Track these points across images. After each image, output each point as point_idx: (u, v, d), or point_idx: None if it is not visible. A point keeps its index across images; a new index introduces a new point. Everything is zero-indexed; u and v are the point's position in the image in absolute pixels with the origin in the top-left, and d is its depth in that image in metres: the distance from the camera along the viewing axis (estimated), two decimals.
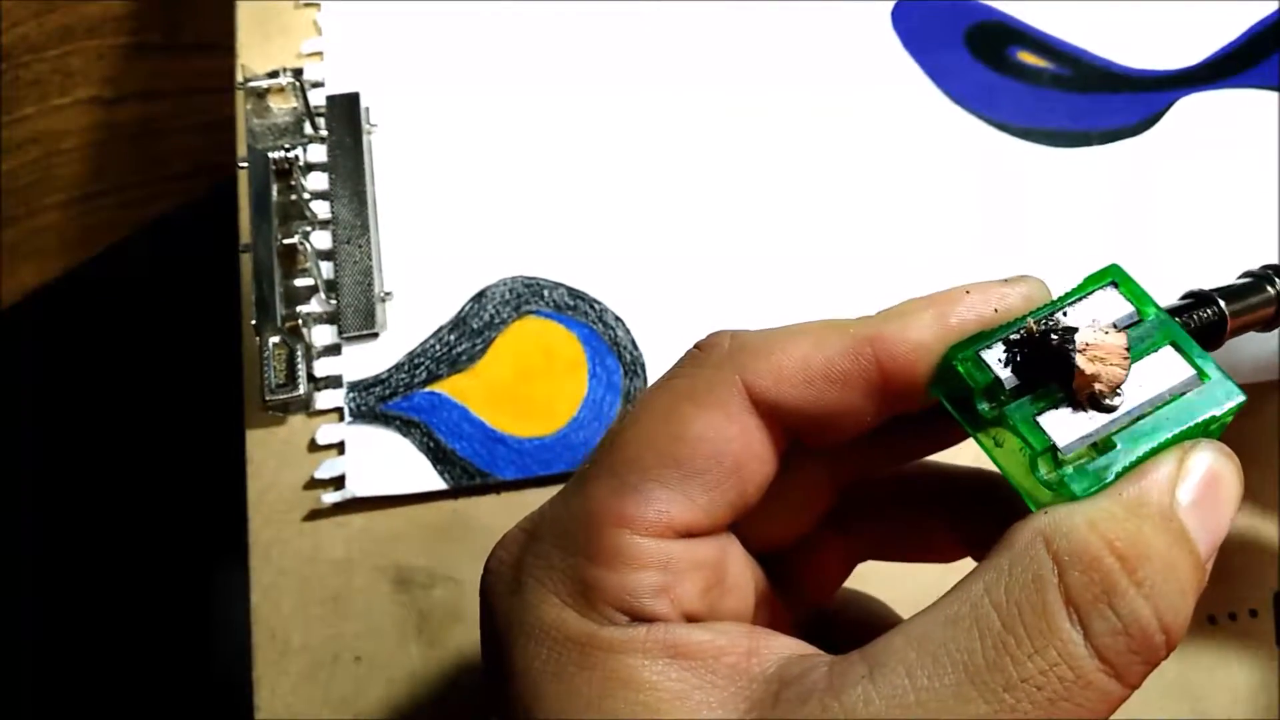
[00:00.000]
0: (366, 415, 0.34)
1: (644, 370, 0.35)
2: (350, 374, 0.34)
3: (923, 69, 0.40)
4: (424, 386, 0.34)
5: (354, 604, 0.32)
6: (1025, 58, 0.40)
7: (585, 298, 0.36)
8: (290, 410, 0.34)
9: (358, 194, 0.36)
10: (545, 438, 0.34)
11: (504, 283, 0.36)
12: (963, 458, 0.24)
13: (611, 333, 0.35)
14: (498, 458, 0.33)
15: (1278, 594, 0.32)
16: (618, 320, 0.35)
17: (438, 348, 0.35)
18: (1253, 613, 0.32)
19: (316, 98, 0.38)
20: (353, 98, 0.37)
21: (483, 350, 0.35)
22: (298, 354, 0.34)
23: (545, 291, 0.36)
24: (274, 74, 0.37)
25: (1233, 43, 0.40)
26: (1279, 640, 0.31)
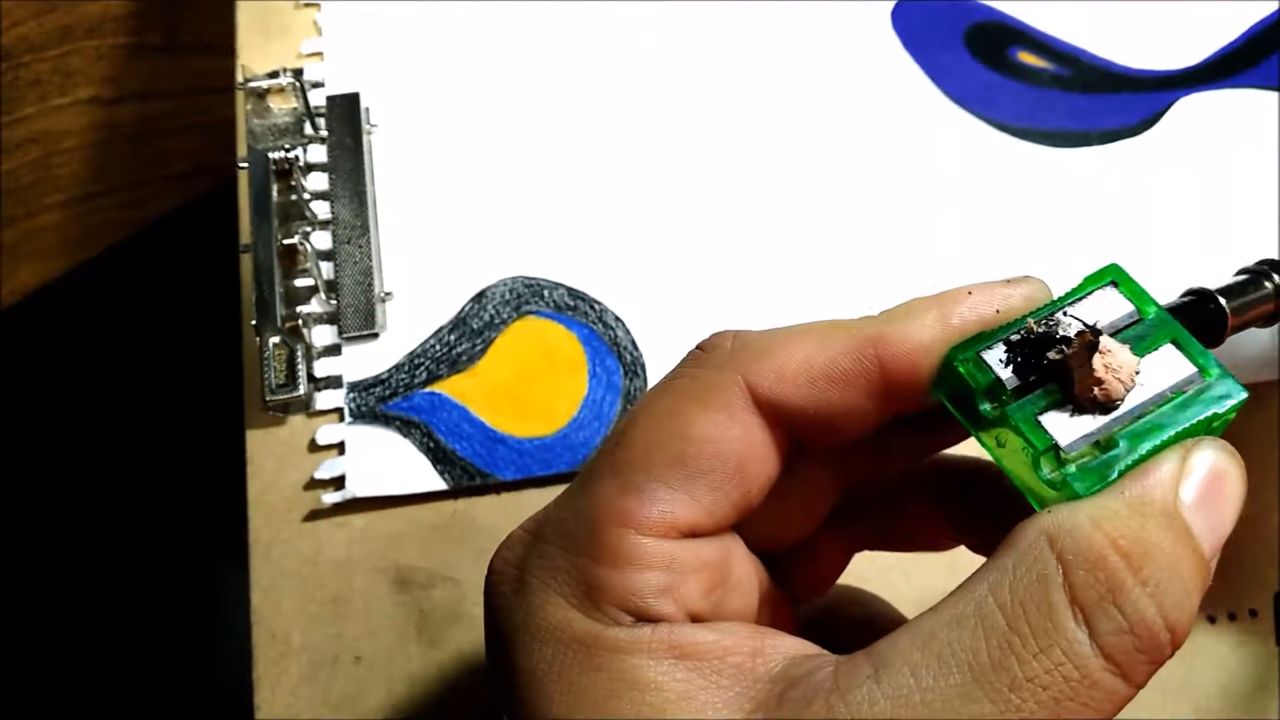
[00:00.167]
0: (367, 415, 0.34)
1: (644, 370, 0.35)
2: (350, 374, 0.34)
3: (923, 69, 0.40)
4: (424, 387, 0.34)
5: (354, 604, 0.32)
6: (1025, 58, 0.40)
7: (585, 298, 0.36)
8: (290, 410, 0.34)
9: (358, 194, 0.36)
10: (545, 438, 0.34)
11: (504, 283, 0.36)
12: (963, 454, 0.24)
13: (611, 333, 0.35)
14: (498, 458, 0.33)
15: (1278, 594, 0.32)
16: (618, 320, 0.35)
17: (438, 348, 0.35)
18: (1253, 612, 0.32)
19: (316, 98, 0.38)
20: (353, 98, 0.37)
21: (483, 350, 0.35)
22: (298, 354, 0.34)
23: (545, 292, 0.36)
24: (274, 74, 0.37)
25: (1233, 43, 0.40)
26: (1279, 640, 0.31)
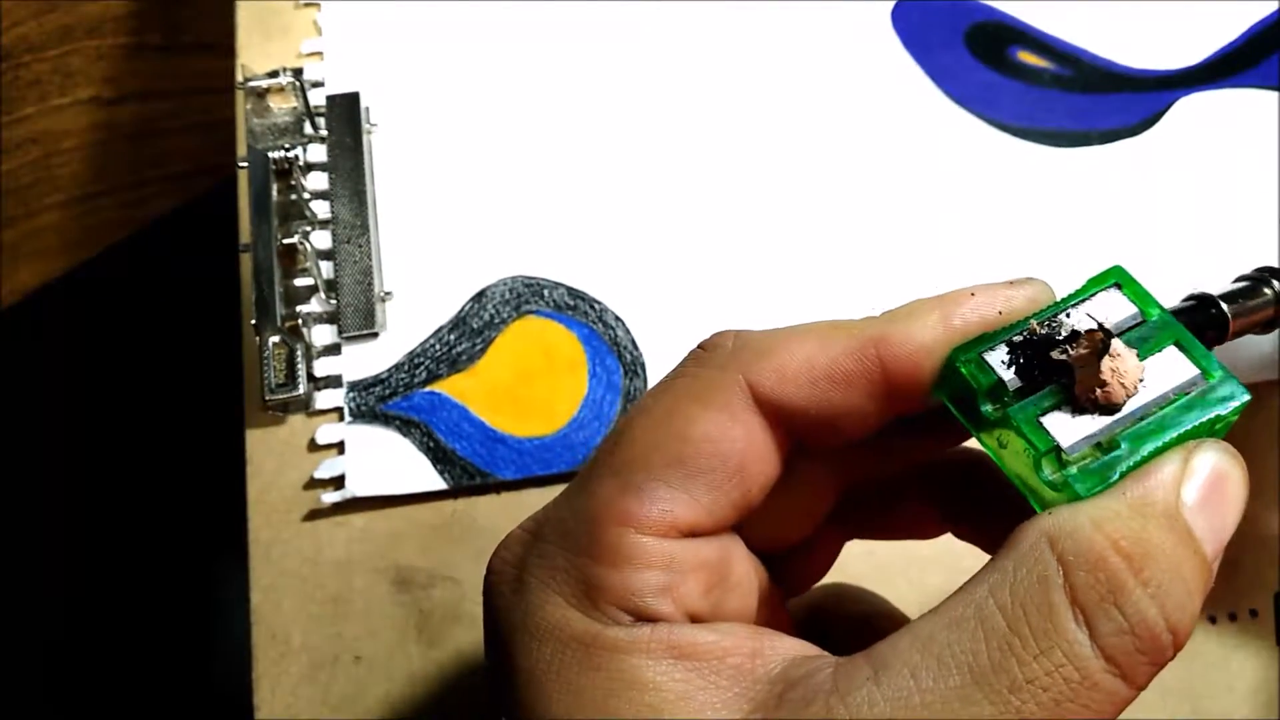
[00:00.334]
0: (366, 415, 0.34)
1: (644, 370, 0.35)
2: (350, 374, 0.34)
3: (923, 69, 0.40)
4: (424, 386, 0.34)
5: (354, 604, 0.32)
6: (1025, 58, 0.40)
7: (585, 297, 0.36)
8: (290, 410, 0.34)
9: (357, 194, 0.36)
10: (545, 437, 0.34)
11: (504, 282, 0.36)
12: None
13: (611, 332, 0.35)
14: (498, 457, 0.33)
15: (1278, 594, 0.32)
16: (618, 320, 0.35)
17: (438, 347, 0.35)
18: (1253, 612, 0.32)
19: (316, 97, 0.38)
20: (353, 97, 0.37)
21: (483, 350, 0.35)
22: (297, 354, 0.34)
23: (545, 291, 0.36)
24: (274, 74, 0.37)
25: (1233, 43, 0.40)
26: (1279, 640, 0.31)
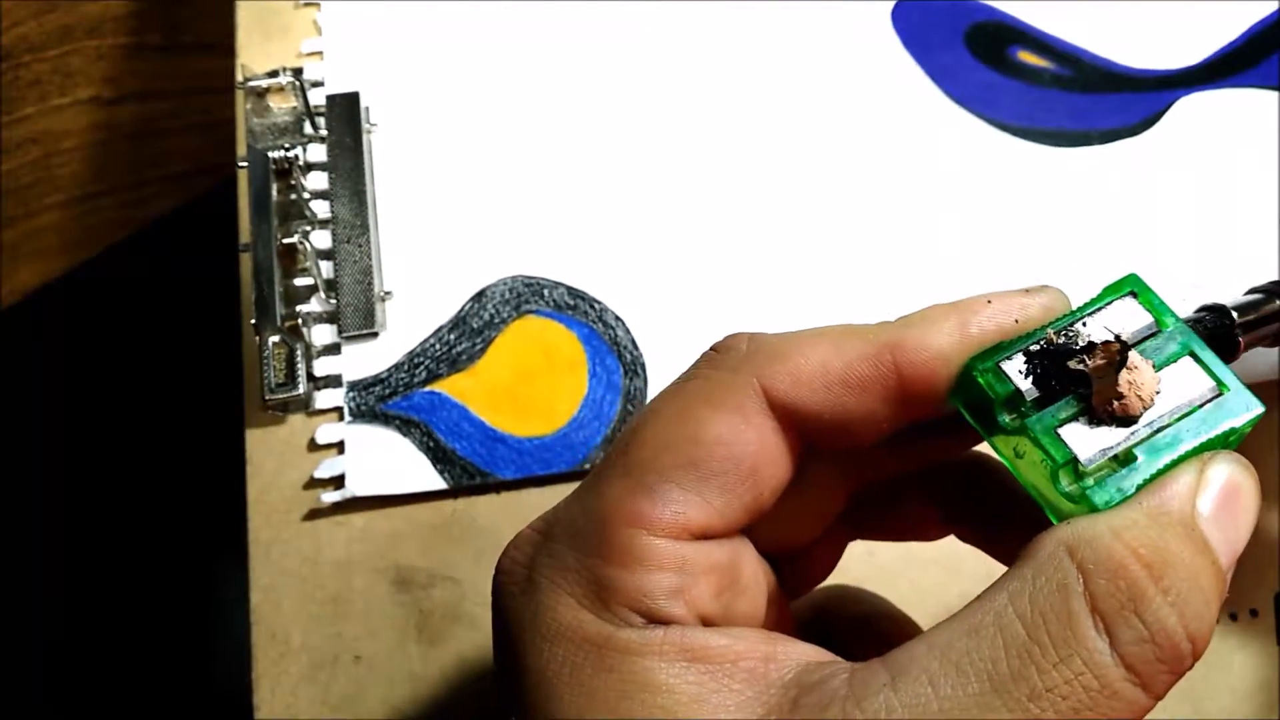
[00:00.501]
0: (366, 415, 0.34)
1: (644, 370, 0.35)
2: (350, 373, 0.34)
3: (923, 69, 0.40)
4: (424, 386, 0.34)
5: (354, 604, 0.32)
6: (1025, 58, 0.40)
7: (585, 297, 0.36)
8: (290, 410, 0.34)
9: (357, 193, 0.36)
10: (545, 437, 0.34)
11: (504, 282, 0.36)
12: None
13: (611, 332, 0.35)
14: (498, 457, 0.33)
15: (1278, 594, 0.32)
16: (618, 320, 0.35)
17: (438, 347, 0.35)
18: (1253, 613, 0.32)
19: (316, 97, 0.38)
20: (352, 97, 0.37)
21: (483, 350, 0.35)
22: (297, 353, 0.34)
23: (545, 291, 0.36)
24: (274, 73, 0.37)
25: (1233, 42, 0.40)
26: None
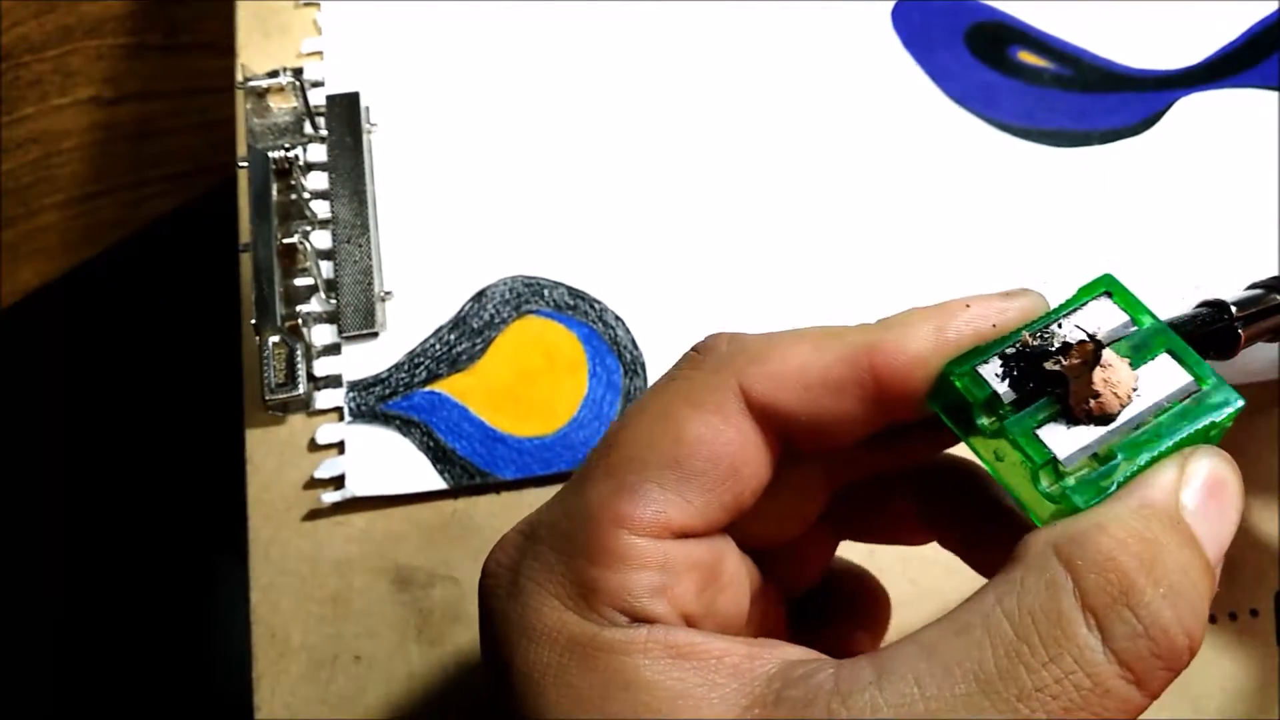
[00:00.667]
0: (366, 415, 0.34)
1: (644, 370, 0.35)
2: (350, 373, 0.34)
3: (923, 69, 0.40)
4: (424, 386, 0.34)
5: (354, 604, 0.32)
6: (1026, 58, 0.40)
7: (585, 297, 0.36)
8: (290, 410, 0.34)
9: (357, 193, 0.36)
10: (545, 437, 0.34)
11: (504, 282, 0.36)
12: None
13: (611, 332, 0.35)
14: (498, 457, 0.33)
15: (1278, 593, 0.32)
16: (618, 320, 0.35)
17: (438, 347, 0.35)
18: (1253, 612, 0.32)
19: (316, 97, 0.38)
20: (353, 97, 0.37)
21: (483, 350, 0.35)
22: (297, 353, 0.33)
23: (545, 291, 0.36)
24: (274, 73, 0.37)
25: (1233, 43, 0.40)
26: (1279, 640, 0.31)
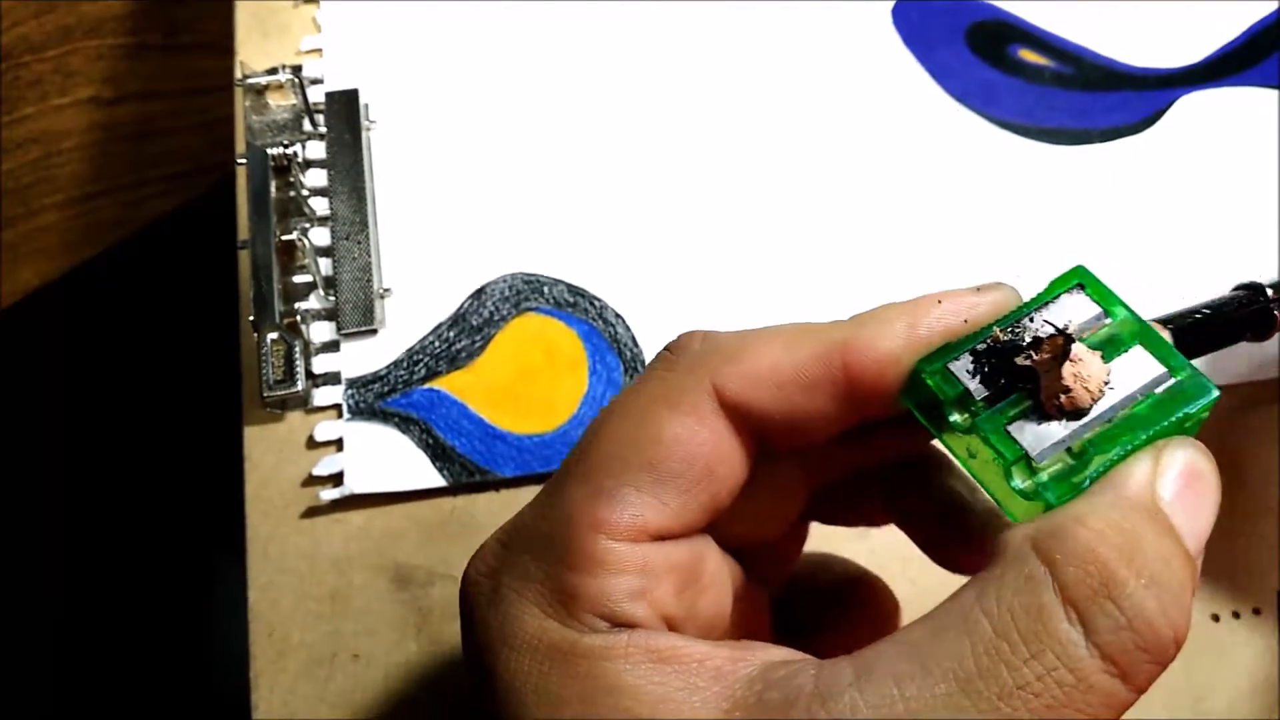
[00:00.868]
0: (365, 412, 0.33)
1: (644, 367, 0.34)
2: (349, 370, 0.34)
3: (924, 67, 0.40)
4: (423, 383, 0.34)
5: (353, 601, 0.32)
6: (1026, 56, 0.40)
7: (585, 294, 0.35)
8: (288, 407, 0.34)
9: (356, 190, 0.36)
10: (545, 435, 0.33)
11: (504, 279, 0.36)
12: None
13: (612, 329, 0.35)
14: (497, 455, 0.33)
15: None
16: (618, 317, 0.35)
17: (437, 344, 0.35)
18: (1256, 611, 0.32)
19: (315, 94, 0.38)
20: (352, 94, 0.37)
21: (482, 347, 0.35)
22: (296, 350, 0.33)
23: (545, 288, 0.36)
24: (273, 70, 0.37)
25: (1233, 41, 0.40)
26: None
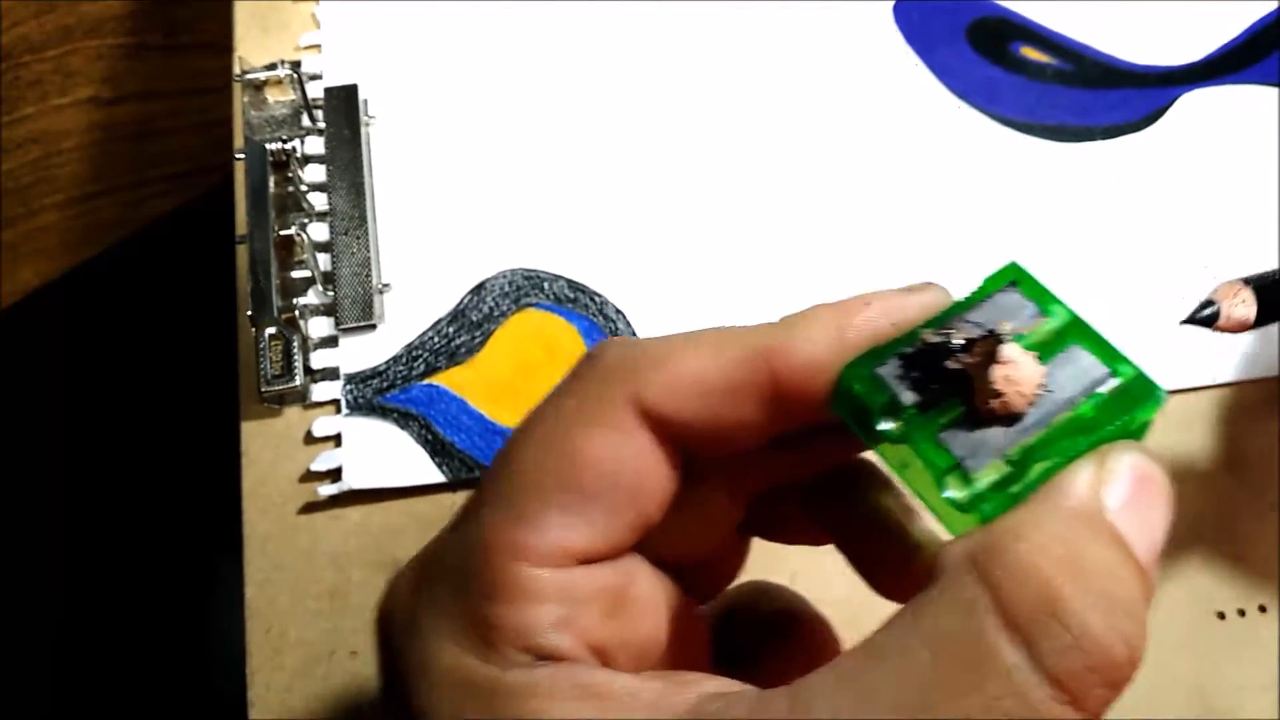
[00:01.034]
0: (364, 407, 0.33)
1: None
2: (347, 366, 0.34)
3: (925, 65, 0.40)
4: (422, 379, 0.34)
5: (351, 598, 0.32)
6: (1028, 53, 0.40)
7: (585, 290, 0.35)
8: (286, 402, 0.34)
9: (355, 186, 0.36)
10: None
11: (503, 275, 0.36)
12: None
13: (612, 326, 0.35)
14: (496, 451, 0.33)
15: None
16: (618, 313, 0.35)
17: (436, 340, 0.34)
18: (1262, 609, 0.31)
19: (314, 90, 0.38)
20: (351, 90, 0.37)
21: (482, 343, 0.34)
22: (294, 345, 0.33)
23: (545, 284, 0.35)
24: (271, 66, 0.37)
25: (1235, 40, 0.40)
26: None
